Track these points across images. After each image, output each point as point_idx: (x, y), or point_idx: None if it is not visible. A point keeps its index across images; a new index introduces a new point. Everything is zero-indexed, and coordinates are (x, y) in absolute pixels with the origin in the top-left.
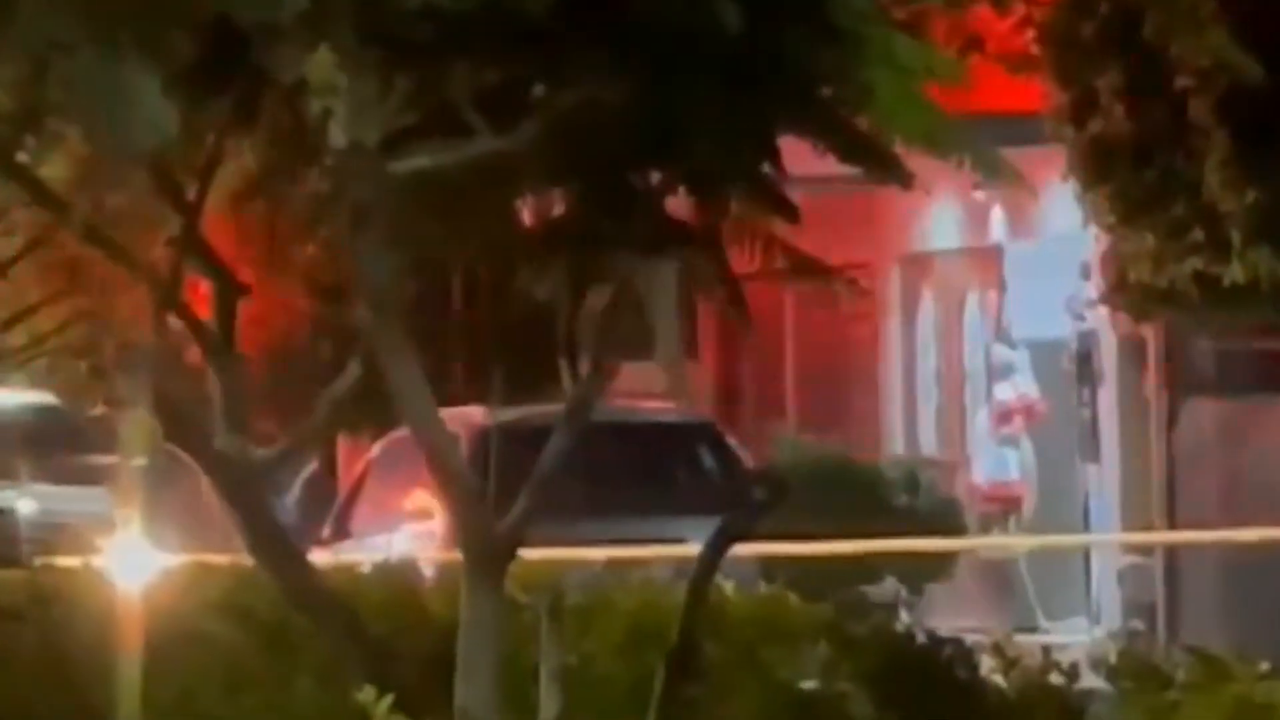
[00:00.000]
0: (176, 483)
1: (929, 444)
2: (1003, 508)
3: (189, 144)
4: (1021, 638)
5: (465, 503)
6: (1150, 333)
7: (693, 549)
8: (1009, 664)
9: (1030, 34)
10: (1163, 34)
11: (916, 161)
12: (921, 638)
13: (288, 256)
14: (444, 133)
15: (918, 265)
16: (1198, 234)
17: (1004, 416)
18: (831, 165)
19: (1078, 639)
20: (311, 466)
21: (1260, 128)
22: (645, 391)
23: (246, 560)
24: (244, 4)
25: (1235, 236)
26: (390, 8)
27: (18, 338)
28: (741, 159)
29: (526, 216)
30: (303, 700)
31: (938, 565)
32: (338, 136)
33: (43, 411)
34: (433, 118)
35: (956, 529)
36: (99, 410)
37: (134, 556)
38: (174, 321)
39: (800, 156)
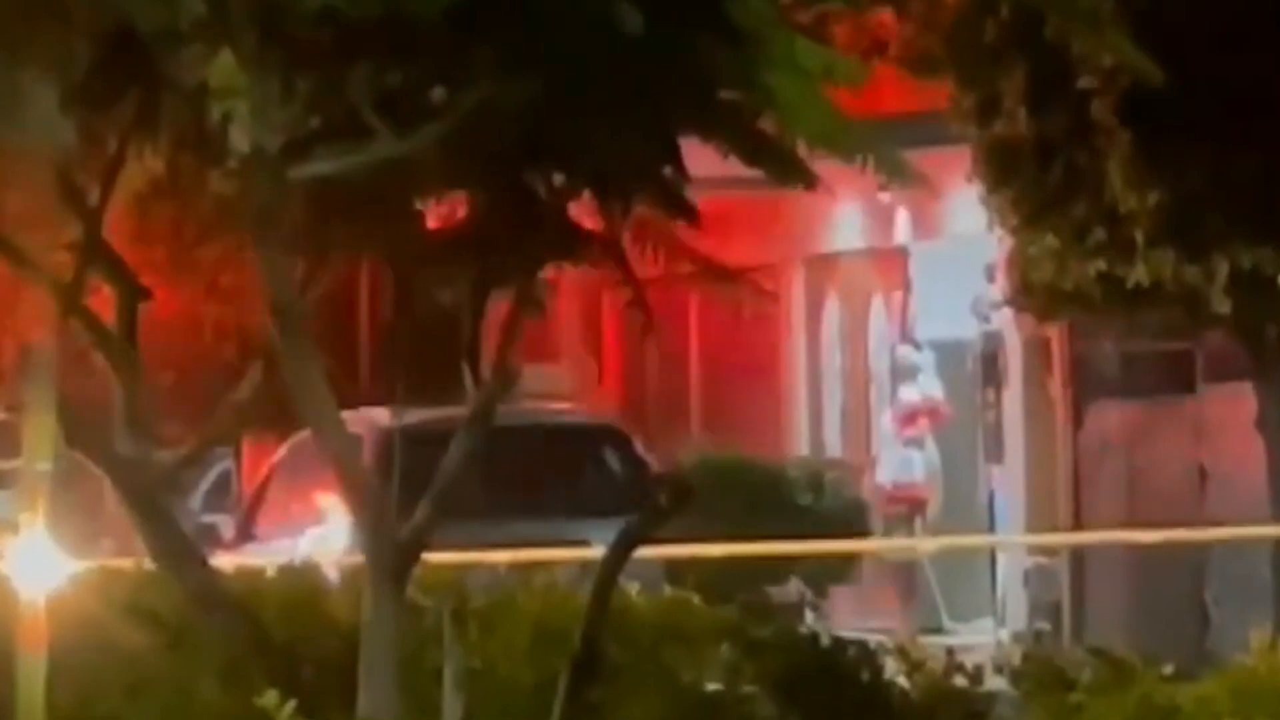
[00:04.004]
0: (80, 487)
1: (834, 445)
2: (908, 509)
3: (91, 148)
4: (926, 639)
5: (368, 507)
6: (1055, 334)
7: (597, 551)
8: (913, 666)
9: (933, 35)
10: (1064, 35)
11: (821, 163)
12: (826, 640)
13: (191, 260)
14: (346, 136)
15: (822, 267)
16: (1101, 235)
17: (909, 418)
18: (735, 167)
19: (983, 640)
20: (224, 465)
21: (1162, 128)
22: (549, 393)
23: (150, 564)
24: (142, 10)
25: (1139, 237)
26: (289, 12)
27: None
28: (643, 161)
29: (430, 220)
30: (206, 704)
31: (842, 567)
32: (240, 140)
33: None
34: (334, 121)
35: (861, 530)
36: (1, 414)
37: (38, 560)
38: (76, 325)
39: (703, 158)
